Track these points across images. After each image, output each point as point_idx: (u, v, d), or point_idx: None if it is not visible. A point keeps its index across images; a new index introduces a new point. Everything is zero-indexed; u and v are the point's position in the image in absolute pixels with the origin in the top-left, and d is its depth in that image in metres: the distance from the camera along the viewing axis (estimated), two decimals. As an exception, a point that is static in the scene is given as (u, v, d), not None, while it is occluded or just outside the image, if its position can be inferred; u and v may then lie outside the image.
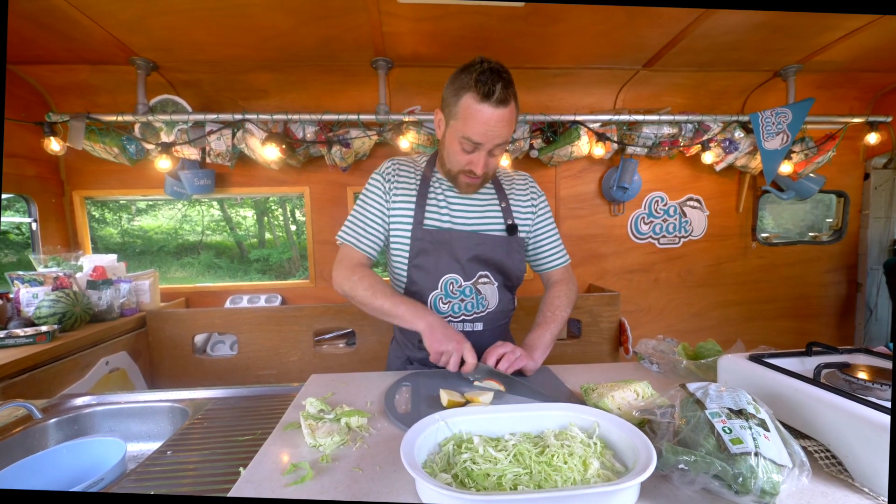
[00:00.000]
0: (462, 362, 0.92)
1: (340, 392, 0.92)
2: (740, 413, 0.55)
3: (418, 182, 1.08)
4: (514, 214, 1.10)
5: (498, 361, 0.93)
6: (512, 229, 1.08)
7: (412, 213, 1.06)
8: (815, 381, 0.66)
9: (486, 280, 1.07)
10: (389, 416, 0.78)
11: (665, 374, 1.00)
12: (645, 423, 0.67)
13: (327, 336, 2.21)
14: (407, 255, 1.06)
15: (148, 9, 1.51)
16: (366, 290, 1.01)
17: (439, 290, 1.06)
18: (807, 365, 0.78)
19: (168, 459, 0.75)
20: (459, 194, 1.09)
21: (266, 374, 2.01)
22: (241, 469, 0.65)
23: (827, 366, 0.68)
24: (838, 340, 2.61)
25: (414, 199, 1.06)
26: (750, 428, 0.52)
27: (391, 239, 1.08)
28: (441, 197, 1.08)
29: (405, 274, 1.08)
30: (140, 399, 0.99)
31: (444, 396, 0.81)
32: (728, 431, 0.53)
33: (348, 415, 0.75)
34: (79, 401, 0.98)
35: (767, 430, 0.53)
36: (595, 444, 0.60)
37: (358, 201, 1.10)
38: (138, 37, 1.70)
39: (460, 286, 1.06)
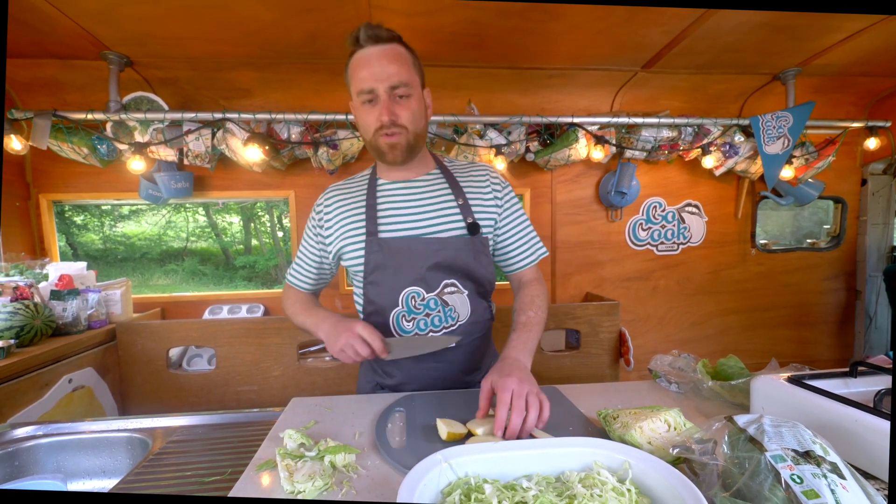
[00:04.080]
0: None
1: (324, 420, 0.81)
2: (808, 455, 0.46)
3: (364, 193, 1.00)
4: (475, 211, 0.97)
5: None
6: (474, 228, 0.95)
7: (363, 226, 0.96)
8: (876, 410, 0.57)
9: (453, 289, 0.95)
10: (382, 451, 0.67)
11: (686, 396, 0.91)
12: (681, 462, 0.57)
13: (312, 349, 2.08)
14: (363, 272, 0.96)
15: (119, -2, 1.40)
16: (292, 306, 1.04)
17: (401, 306, 0.94)
18: (852, 387, 0.70)
19: (117, 508, 0.63)
20: (408, 198, 0.98)
21: (246, 391, 1.87)
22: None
23: (887, 392, 0.60)
24: (839, 349, 2.56)
25: (363, 212, 0.97)
26: (824, 476, 0.43)
27: (345, 261, 1.00)
28: (390, 203, 0.97)
29: (363, 293, 0.98)
30: (93, 429, 0.86)
31: (443, 428, 0.70)
32: (798, 481, 0.43)
33: (333, 451, 0.64)
34: (19, 432, 0.85)
35: (843, 477, 0.44)
36: (629, 490, 0.50)
37: None
38: (110, 29, 1.57)
39: (423, 299, 0.93)
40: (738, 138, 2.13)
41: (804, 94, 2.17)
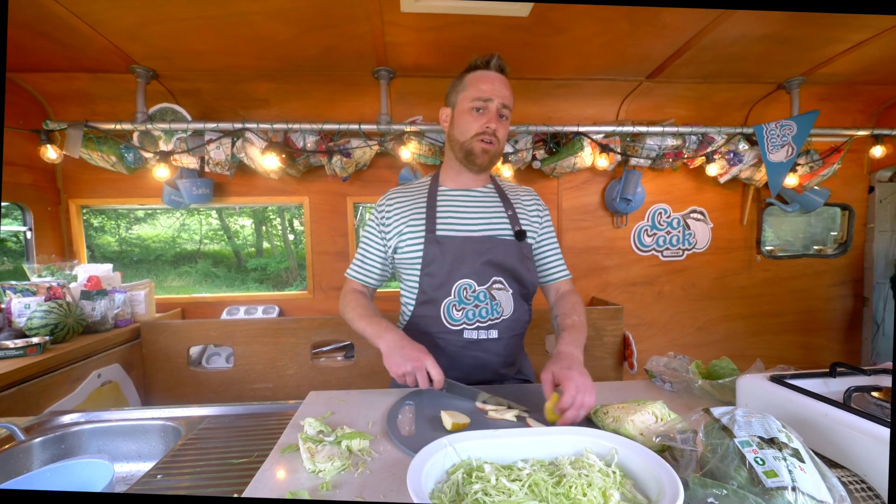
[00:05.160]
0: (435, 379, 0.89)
1: (340, 411, 0.88)
2: (772, 442, 0.51)
3: (425, 197, 1.11)
4: (521, 222, 1.11)
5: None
6: (521, 235, 1.08)
7: (423, 224, 1.06)
8: (845, 405, 0.62)
9: (500, 286, 1.05)
10: (393, 438, 0.74)
11: (678, 394, 0.96)
12: (665, 450, 0.63)
13: (325, 349, 2.16)
14: (419, 264, 1.05)
15: (148, 17, 1.49)
16: (351, 311, 1.08)
17: (452, 296, 1.04)
18: (831, 387, 0.74)
19: (158, 484, 0.70)
20: (466, 204, 1.10)
21: (262, 388, 1.95)
22: (235, 496, 0.61)
23: (856, 389, 0.65)
24: (846, 356, 2.56)
25: (424, 211, 1.08)
26: (784, 459, 0.49)
27: (400, 255, 1.09)
28: (450, 206, 1.09)
29: (417, 285, 1.07)
30: (131, 417, 0.94)
31: (448, 419, 0.77)
32: (761, 463, 0.49)
33: (349, 437, 0.71)
34: (66, 418, 0.93)
35: (803, 461, 0.50)
36: (614, 472, 0.56)
37: (360, 237, 1.16)
38: (138, 45, 1.68)
39: (474, 291, 1.04)
40: (743, 146, 2.17)
41: (810, 103, 2.19)
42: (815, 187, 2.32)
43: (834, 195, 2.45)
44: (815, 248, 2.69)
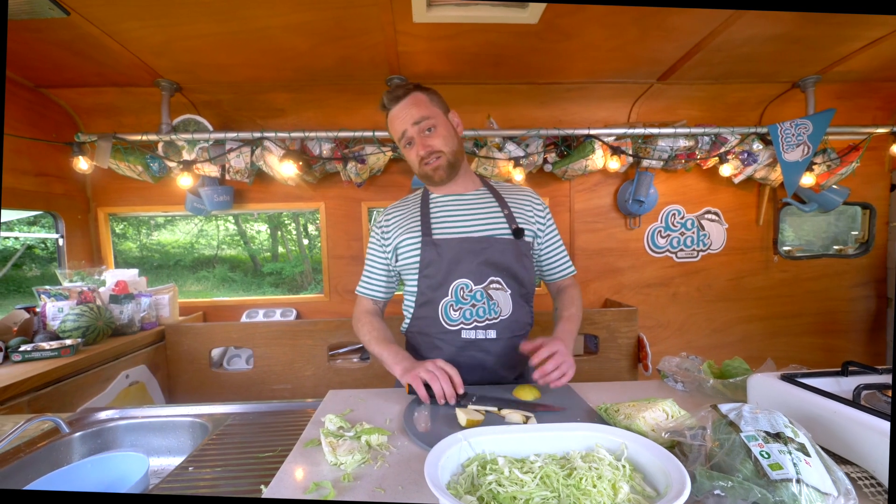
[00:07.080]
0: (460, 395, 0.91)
1: (358, 409, 0.91)
2: (778, 436, 0.53)
3: (419, 206, 1.15)
4: (518, 220, 1.12)
5: (544, 361, 0.94)
6: (518, 233, 1.09)
7: (419, 230, 1.10)
8: (854, 402, 0.63)
9: (497, 286, 1.07)
10: (410, 434, 0.77)
11: (690, 394, 0.97)
12: (674, 446, 0.65)
13: (341, 350, 2.20)
14: (417, 268, 1.09)
15: (173, 34, 1.57)
16: (365, 335, 1.13)
17: (450, 296, 1.06)
18: (843, 385, 0.75)
19: (190, 475, 0.75)
20: (459, 207, 1.12)
21: (281, 389, 2.01)
22: (262, 487, 0.65)
23: (867, 387, 0.65)
24: (869, 357, 2.50)
25: (419, 218, 1.11)
26: (790, 453, 0.50)
27: (400, 262, 1.13)
28: (444, 211, 1.12)
29: (416, 287, 1.10)
30: (162, 414, 0.99)
31: (462, 416, 0.79)
32: (766, 456, 0.50)
33: (368, 432, 0.74)
34: (102, 415, 0.99)
35: (808, 455, 0.51)
36: (624, 466, 0.58)
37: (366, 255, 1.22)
38: (163, 60, 1.76)
39: (471, 291, 1.06)
40: (757, 146, 2.15)
41: (827, 101, 2.17)
42: (834, 186, 2.28)
43: (854, 194, 2.40)
44: (836, 247, 2.64)
